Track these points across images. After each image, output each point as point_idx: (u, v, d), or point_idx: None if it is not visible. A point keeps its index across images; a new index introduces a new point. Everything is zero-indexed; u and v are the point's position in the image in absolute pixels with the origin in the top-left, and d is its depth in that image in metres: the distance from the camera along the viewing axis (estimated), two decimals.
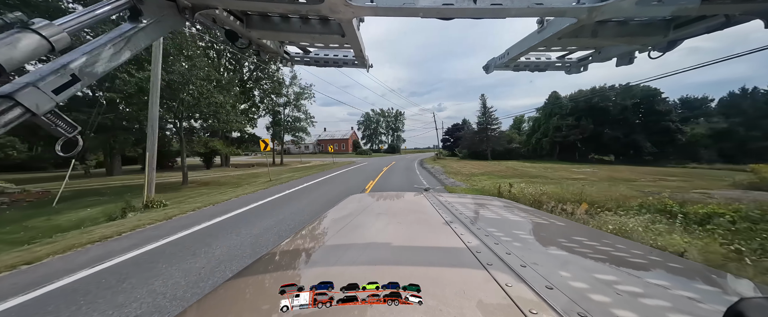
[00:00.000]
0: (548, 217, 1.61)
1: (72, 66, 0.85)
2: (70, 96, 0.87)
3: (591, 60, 2.05)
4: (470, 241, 1.03)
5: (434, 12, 1.30)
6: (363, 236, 1.18)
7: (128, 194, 9.16)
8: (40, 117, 0.79)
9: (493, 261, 0.84)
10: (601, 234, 1.28)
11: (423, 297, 0.66)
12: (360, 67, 2.25)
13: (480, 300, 0.65)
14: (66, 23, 0.87)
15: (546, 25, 1.61)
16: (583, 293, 0.67)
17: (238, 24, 1.52)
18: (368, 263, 0.90)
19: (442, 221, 1.34)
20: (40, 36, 0.79)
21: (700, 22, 1.44)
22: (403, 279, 0.69)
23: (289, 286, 0.68)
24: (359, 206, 1.79)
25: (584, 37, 1.60)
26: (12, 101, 0.73)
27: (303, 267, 0.95)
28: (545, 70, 2.26)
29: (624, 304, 0.64)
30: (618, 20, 1.55)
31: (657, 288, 0.76)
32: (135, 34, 1.04)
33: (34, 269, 3.93)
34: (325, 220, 1.52)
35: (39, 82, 0.78)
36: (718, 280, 0.85)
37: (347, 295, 0.64)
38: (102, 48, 0.93)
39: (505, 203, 2.02)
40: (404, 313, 0.59)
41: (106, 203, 9.55)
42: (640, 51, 1.77)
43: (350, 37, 1.62)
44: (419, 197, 2.05)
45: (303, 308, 0.62)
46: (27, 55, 0.77)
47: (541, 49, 1.84)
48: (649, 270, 0.93)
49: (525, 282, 0.71)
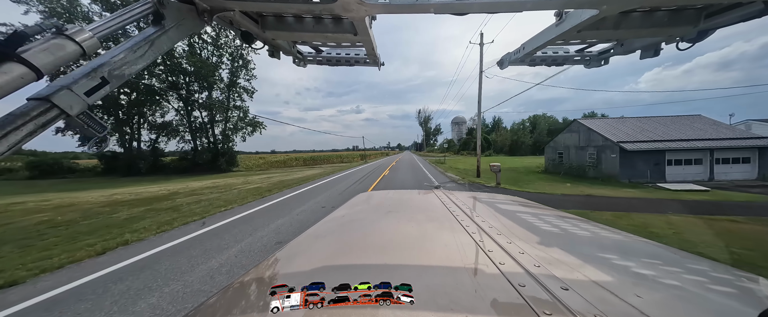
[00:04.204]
0: (565, 215, 1.56)
1: (102, 69, 0.90)
2: (101, 98, 0.93)
3: (612, 53, 1.96)
4: (482, 239, 1.02)
5: (448, 8, 1.28)
6: (373, 236, 1.19)
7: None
8: (73, 118, 0.85)
9: (505, 261, 0.83)
10: (622, 234, 1.23)
11: (434, 295, 0.65)
12: (372, 65, 2.25)
13: (493, 299, 0.64)
14: (95, 28, 0.92)
15: (565, 18, 1.55)
16: (600, 295, 0.65)
17: (254, 25, 1.55)
18: (378, 262, 0.90)
19: (453, 219, 1.33)
20: (73, 41, 0.84)
21: (735, 10, 1.34)
22: (413, 279, 0.69)
23: (279, 287, 0.67)
24: (368, 205, 1.79)
25: (606, 30, 1.53)
26: (49, 103, 0.78)
27: (307, 269, 0.93)
28: (563, 65, 2.19)
29: (645, 308, 0.60)
30: (643, 10, 1.47)
31: (682, 291, 0.72)
32: (158, 37, 1.09)
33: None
34: (333, 219, 1.52)
35: (72, 85, 0.83)
36: (749, 284, 0.80)
37: (339, 295, 0.64)
38: (128, 52, 0.99)
39: (518, 200, 1.97)
40: (417, 313, 0.59)
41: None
42: (666, 42, 1.68)
43: (362, 35, 1.62)
44: (429, 194, 2.04)
45: (294, 309, 0.62)
46: (62, 60, 0.83)
47: (559, 42, 1.77)
48: (674, 272, 0.88)
49: (539, 283, 0.69)
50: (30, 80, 0.76)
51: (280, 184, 14.09)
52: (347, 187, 12.89)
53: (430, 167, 26.27)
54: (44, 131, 0.79)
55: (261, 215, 7.24)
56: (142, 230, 5.90)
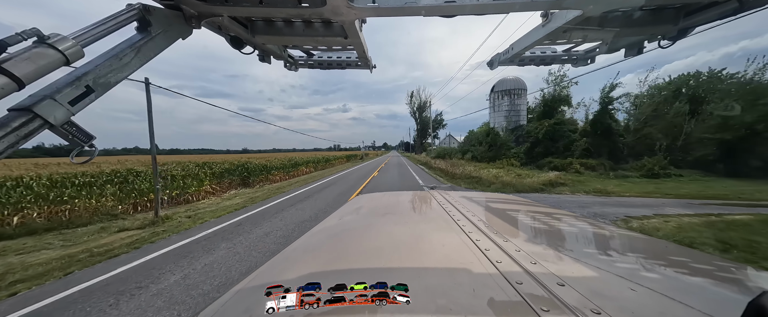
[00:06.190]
0: (558, 213, 1.59)
1: (86, 78, 0.88)
2: (86, 107, 0.91)
3: (598, 52, 2.01)
4: (479, 239, 1.02)
5: (437, 10, 1.29)
6: (370, 238, 1.18)
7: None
8: (57, 128, 0.83)
9: (502, 259, 0.83)
10: (615, 230, 1.25)
11: (433, 296, 0.65)
12: (363, 68, 2.26)
13: (491, 298, 0.64)
14: (79, 36, 0.90)
15: (551, 18, 1.58)
16: (596, 289, 0.66)
17: (243, 30, 1.54)
18: (376, 264, 0.90)
19: (450, 219, 1.34)
20: (56, 50, 0.82)
21: (712, 9, 1.40)
22: (412, 280, 0.69)
23: (275, 288, 0.67)
24: (365, 207, 1.79)
25: (591, 29, 1.57)
26: (31, 113, 0.76)
27: (304, 273, 0.92)
28: (551, 64, 2.24)
29: (639, 300, 0.62)
30: (625, 10, 1.52)
31: (674, 282, 0.74)
32: (144, 44, 1.07)
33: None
34: (330, 223, 1.52)
35: (56, 94, 0.81)
36: (739, 274, 0.82)
37: (335, 296, 0.64)
38: (114, 59, 0.96)
39: (513, 199, 1.99)
40: (417, 314, 0.59)
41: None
42: (649, 41, 1.73)
43: (353, 38, 1.63)
44: (426, 195, 2.04)
45: (289, 309, 0.62)
46: (44, 69, 0.80)
47: (546, 42, 1.81)
48: (666, 264, 0.90)
49: (536, 280, 0.70)
50: (11, 90, 0.74)
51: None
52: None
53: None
54: (27, 142, 0.77)
55: None
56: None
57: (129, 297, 3.33)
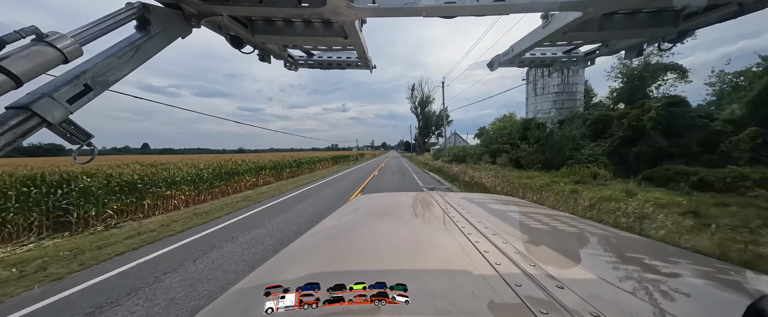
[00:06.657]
0: (559, 215, 1.59)
1: (85, 76, 0.88)
2: (84, 105, 0.90)
3: (598, 54, 2.01)
4: (478, 240, 1.02)
5: (437, 11, 1.29)
6: (369, 240, 1.18)
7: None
8: (55, 126, 0.82)
9: (501, 261, 0.83)
10: (615, 232, 1.25)
11: (432, 298, 0.65)
12: (363, 68, 2.26)
13: (489, 300, 0.64)
14: (78, 34, 0.89)
15: (551, 20, 1.58)
16: (596, 292, 0.66)
17: (243, 30, 1.54)
18: (375, 266, 0.90)
19: (449, 220, 1.33)
20: (54, 48, 0.81)
21: (712, 12, 1.40)
22: (410, 282, 0.69)
23: (274, 288, 0.67)
24: (364, 209, 1.78)
25: (591, 31, 1.57)
26: (29, 111, 0.75)
27: (303, 274, 0.91)
28: (551, 66, 2.24)
29: (639, 303, 0.62)
30: (625, 12, 1.52)
31: (673, 285, 0.74)
32: (144, 43, 1.06)
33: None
34: (329, 224, 1.51)
35: (54, 92, 0.80)
36: (738, 277, 0.82)
37: (334, 296, 0.64)
38: (113, 58, 0.96)
39: (512, 200, 1.99)
40: (416, 314, 0.59)
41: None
42: (649, 43, 1.73)
43: (353, 38, 1.62)
44: (425, 196, 2.04)
45: (288, 309, 0.61)
46: (42, 67, 0.80)
47: (546, 44, 1.81)
48: (665, 267, 0.90)
49: (535, 282, 0.70)
50: (8, 88, 0.73)
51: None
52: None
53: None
54: (24, 140, 0.76)
55: None
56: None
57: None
